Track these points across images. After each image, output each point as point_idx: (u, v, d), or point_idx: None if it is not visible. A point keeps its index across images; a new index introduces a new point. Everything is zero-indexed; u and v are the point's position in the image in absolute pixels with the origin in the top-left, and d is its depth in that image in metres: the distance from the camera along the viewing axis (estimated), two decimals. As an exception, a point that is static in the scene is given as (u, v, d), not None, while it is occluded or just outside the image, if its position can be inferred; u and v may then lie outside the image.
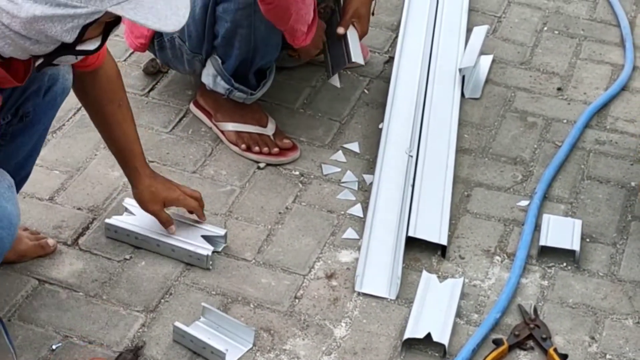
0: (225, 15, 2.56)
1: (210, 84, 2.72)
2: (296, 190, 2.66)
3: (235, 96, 2.72)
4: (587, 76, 3.13)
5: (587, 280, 2.45)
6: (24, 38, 1.78)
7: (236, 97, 2.73)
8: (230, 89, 2.70)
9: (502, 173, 2.75)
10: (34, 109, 2.15)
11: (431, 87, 2.96)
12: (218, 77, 2.69)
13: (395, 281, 2.37)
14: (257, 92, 2.74)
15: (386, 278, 2.39)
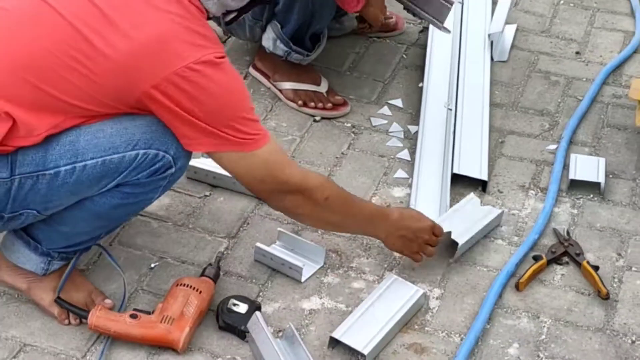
0: (287, -16, 2.90)
1: (271, 47, 3.04)
2: (349, 139, 2.98)
3: (293, 58, 3.05)
4: (602, 42, 3.47)
5: (612, 208, 2.77)
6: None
7: (294, 59, 3.05)
8: (289, 51, 3.03)
9: (530, 123, 3.08)
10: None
11: (464, 51, 3.29)
12: (277, 41, 3.02)
13: (445, 210, 2.70)
14: (313, 53, 3.07)
15: (436, 208, 2.72)
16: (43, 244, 2.32)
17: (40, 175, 2.13)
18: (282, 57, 3.05)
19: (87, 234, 2.33)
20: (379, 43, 3.39)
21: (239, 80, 2.24)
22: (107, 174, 2.15)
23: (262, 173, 2.24)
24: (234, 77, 2.21)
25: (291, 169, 2.30)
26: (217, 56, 2.13)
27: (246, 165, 2.23)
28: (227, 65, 2.17)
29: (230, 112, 2.16)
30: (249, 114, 2.21)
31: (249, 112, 2.21)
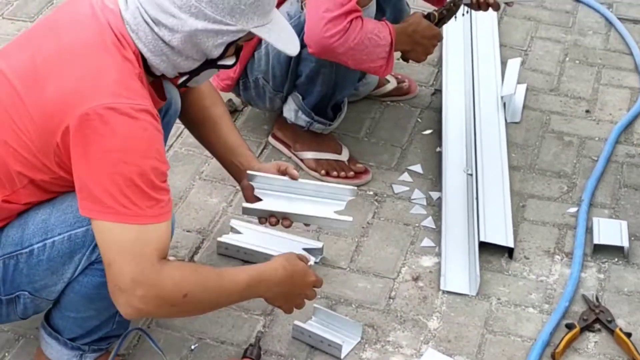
0: (310, 57, 2.91)
1: (292, 118, 3.08)
2: (373, 207, 3.02)
3: (315, 128, 3.08)
4: (610, 99, 3.53)
5: (637, 272, 2.82)
6: (178, 54, 2.13)
7: (316, 129, 3.09)
8: (311, 122, 3.07)
9: (549, 185, 3.13)
10: None
11: (478, 114, 3.34)
12: (299, 112, 3.06)
13: (475, 279, 2.73)
14: (335, 122, 3.11)
15: (466, 277, 2.76)
16: (64, 334, 2.34)
17: (19, 255, 2.17)
18: (304, 128, 3.09)
19: (95, 318, 2.32)
20: (393, 107, 3.44)
21: (153, 145, 2.05)
22: (76, 249, 2.15)
23: (127, 257, 2.02)
24: (148, 138, 2.03)
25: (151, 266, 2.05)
26: (134, 108, 2.03)
27: (113, 239, 2.02)
28: (142, 120, 2.03)
29: (123, 172, 2.00)
30: (144, 181, 2.02)
31: (145, 178, 2.02)
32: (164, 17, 2.08)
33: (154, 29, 2.10)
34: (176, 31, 2.09)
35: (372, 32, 2.81)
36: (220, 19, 2.09)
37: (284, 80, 3.02)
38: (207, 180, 3.07)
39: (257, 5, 2.11)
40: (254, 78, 3.06)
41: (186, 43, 2.11)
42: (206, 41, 2.11)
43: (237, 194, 3.01)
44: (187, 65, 2.16)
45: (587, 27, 3.94)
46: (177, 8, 2.07)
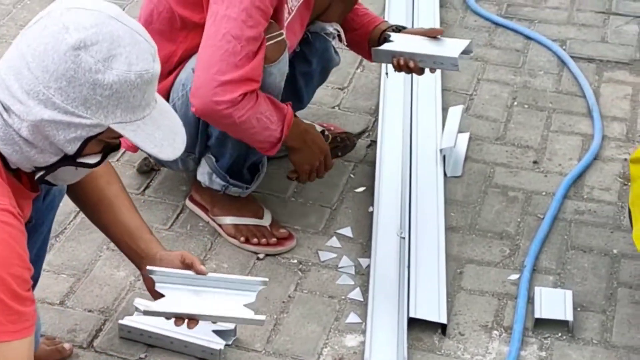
0: (219, 118, 2.68)
1: (206, 182, 2.82)
2: (296, 278, 2.76)
3: (231, 191, 2.83)
4: (560, 148, 3.28)
5: (582, 348, 2.57)
6: (30, 145, 1.86)
7: (232, 192, 2.83)
8: (226, 185, 2.81)
9: (490, 248, 2.88)
10: (36, 213, 2.19)
11: (415, 168, 3.09)
12: (213, 175, 2.80)
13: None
14: (252, 185, 2.85)
15: (393, 359, 2.50)
16: None
17: None
18: (220, 192, 2.83)
19: None
20: (325, 162, 3.18)
21: (12, 248, 1.80)
22: None
23: None
24: (6, 241, 1.79)
25: None
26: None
27: None
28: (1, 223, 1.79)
29: None
30: (6, 293, 1.77)
31: (7, 289, 1.77)
32: (12, 102, 1.83)
33: (2, 115, 1.84)
34: (23, 119, 1.83)
35: (264, 114, 2.59)
36: (72, 110, 1.82)
37: (195, 140, 2.76)
38: (115, 250, 2.77)
39: (118, 98, 1.83)
40: (163, 138, 2.80)
41: (35, 134, 1.84)
42: (56, 134, 1.84)
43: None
44: (42, 160, 1.89)
45: (538, 67, 3.69)
46: (25, 94, 1.82)
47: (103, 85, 1.80)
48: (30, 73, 1.81)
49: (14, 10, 3.95)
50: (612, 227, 2.95)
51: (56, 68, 1.80)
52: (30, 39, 1.83)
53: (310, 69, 2.97)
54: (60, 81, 1.80)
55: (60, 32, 1.80)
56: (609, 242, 2.90)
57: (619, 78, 3.64)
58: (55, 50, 1.79)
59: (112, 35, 1.81)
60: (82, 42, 1.79)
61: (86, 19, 1.81)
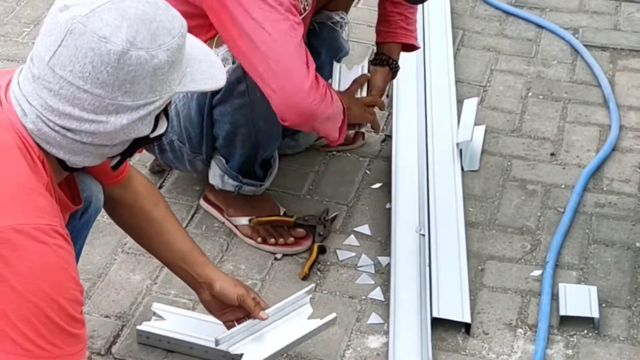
0: (223, 118, 2.61)
1: (219, 184, 2.77)
2: (315, 278, 2.71)
3: (246, 190, 2.78)
4: (577, 139, 3.23)
5: (609, 345, 2.52)
6: (103, 147, 1.83)
7: (246, 192, 2.78)
8: (240, 185, 2.76)
9: (511, 244, 2.83)
10: (72, 231, 2.17)
11: (432, 163, 3.04)
12: (225, 176, 2.75)
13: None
14: (266, 182, 2.80)
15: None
16: None
17: None
18: (234, 192, 2.78)
19: None
20: (339, 158, 3.13)
21: (66, 271, 1.76)
22: None
23: None
24: (60, 264, 1.74)
25: None
26: (43, 229, 1.73)
27: None
28: (53, 244, 1.74)
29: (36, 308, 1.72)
30: (62, 316, 1.74)
31: (63, 313, 1.74)
32: (77, 125, 1.77)
33: (67, 135, 1.79)
34: (98, 134, 1.79)
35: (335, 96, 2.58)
36: (143, 102, 1.79)
37: (200, 141, 2.70)
38: (130, 253, 2.76)
39: (175, 65, 1.80)
40: (168, 140, 2.74)
41: (112, 138, 1.81)
42: (135, 128, 1.81)
43: (163, 269, 2.69)
44: (115, 151, 1.86)
45: (551, 56, 3.64)
46: (91, 113, 1.76)
47: (162, 66, 1.77)
48: (89, 94, 1.75)
49: (18, 7, 3.88)
50: (633, 220, 2.90)
51: (115, 78, 1.74)
52: (68, 63, 1.74)
53: (320, 60, 2.89)
54: (124, 87, 1.75)
55: (100, 45, 1.72)
56: (631, 235, 2.85)
57: (633, 66, 3.59)
58: (105, 64, 1.73)
59: (139, 15, 1.74)
60: (127, 42, 1.73)
61: (109, 16, 1.73)
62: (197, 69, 1.86)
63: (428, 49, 3.52)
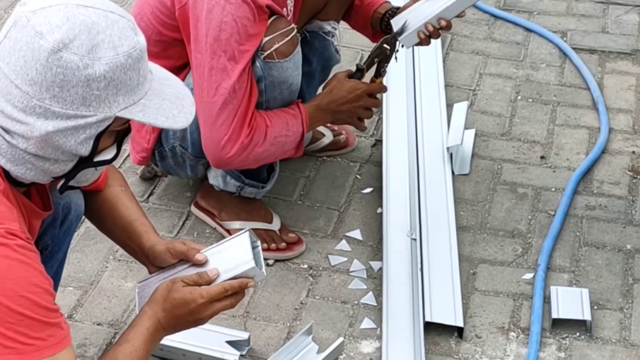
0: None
1: (220, 185, 2.77)
2: (307, 284, 2.71)
3: (247, 192, 2.78)
4: (567, 142, 3.24)
5: (601, 348, 2.53)
6: (42, 159, 1.79)
7: (247, 193, 2.79)
8: (242, 186, 2.76)
9: (502, 247, 2.83)
10: (52, 240, 2.16)
11: (422, 167, 3.04)
12: (227, 177, 2.75)
13: (420, 368, 2.44)
14: (268, 184, 2.80)
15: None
16: None
17: None
18: (235, 193, 2.78)
19: None
20: (330, 163, 3.14)
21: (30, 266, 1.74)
22: None
23: None
24: (23, 261, 1.73)
25: None
26: (8, 231, 1.72)
27: None
28: (15, 246, 1.73)
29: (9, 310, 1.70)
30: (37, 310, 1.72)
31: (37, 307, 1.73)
32: (11, 124, 1.74)
33: (5, 138, 1.76)
34: (28, 137, 1.75)
35: (279, 134, 2.60)
36: (73, 113, 1.74)
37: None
38: (121, 260, 2.75)
39: (115, 85, 1.75)
40: (170, 147, 2.75)
41: (45, 147, 1.77)
42: (66, 141, 1.76)
43: (155, 276, 2.70)
44: (59, 169, 1.82)
45: (539, 59, 3.65)
46: (21, 112, 1.73)
47: (96, 78, 1.72)
48: (19, 90, 1.72)
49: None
50: (624, 222, 2.91)
51: (43, 78, 1.71)
52: (6, 55, 1.73)
53: (311, 68, 2.91)
54: (52, 89, 1.71)
55: (34, 40, 1.70)
56: (622, 237, 2.86)
57: (622, 69, 3.60)
58: (35, 60, 1.71)
59: (87, 24, 1.72)
60: (60, 42, 1.70)
61: (55, 16, 1.71)
62: (155, 103, 1.81)
63: (417, 54, 3.53)
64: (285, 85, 2.60)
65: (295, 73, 2.61)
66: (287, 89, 2.61)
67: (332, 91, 2.69)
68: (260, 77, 2.57)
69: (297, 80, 2.63)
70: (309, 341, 2.50)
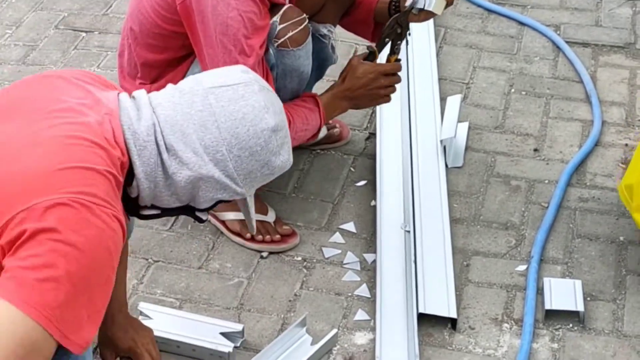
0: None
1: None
2: (302, 276, 2.72)
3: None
4: (560, 135, 3.25)
5: (594, 339, 2.54)
6: (169, 188, 1.90)
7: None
8: None
9: (495, 239, 2.84)
10: None
11: (416, 160, 3.05)
12: None
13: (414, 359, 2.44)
14: None
15: (404, 357, 2.45)
16: None
17: None
18: None
19: None
20: (324, 156, 3.14)
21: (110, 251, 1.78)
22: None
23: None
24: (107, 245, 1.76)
25: None
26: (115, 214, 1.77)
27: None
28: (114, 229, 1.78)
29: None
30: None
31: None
32: (182, 149, 1.87)
33: (162, 155, 1.87)
34: (189, 168, 1.88)
35: (301, 129, 2.63)
36: (235, 177, 1.95)
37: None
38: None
39: (267, 178, 2.01)
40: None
41: (188, 184, 1.90)
42: (208, 192, 1.93)
43: (150, 269, 2.71)
44: (167, 202, 1.93)
45: (533, 52, 3.65)
46: (202, 147, 1.88)
47: (271, 166, 1.97)
48: (218, 132, 1.89)
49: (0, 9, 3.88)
50: (617, 214, 2.92)
51: (248, 139, 1.91)
52: (226, 101, 1.90)
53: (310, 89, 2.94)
54: (244, 151, 1.91)
55: (261, 110, 1.92)
56: (615, 229, 2.87)
57: (615, 62, 3.61)
58: (253, 124, 1.91)
59: (285, 124, 1.99)
60: (278, 126, 1.94)
61: (277, 104, 1.98)
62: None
63: (411, 48, 3.54)
64: (297, 74, 2.63)
65: (306, 62, 2.64)
66: (297, 77, 2.64)
67: (345, 79, 2.72)
68: (273, 65, 2.61)
69: (308, 69, 2.66)
70: (303, 333, 2.51)
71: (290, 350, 2.46)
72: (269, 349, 2.43)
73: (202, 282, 2.67)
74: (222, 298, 2.63)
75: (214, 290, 2.65)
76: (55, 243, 1.68)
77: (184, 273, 2.70)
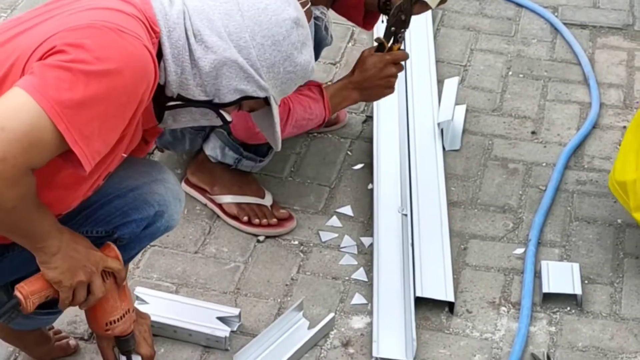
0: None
1: (218, 156, 2.77)
2: (298, 260, 2.71)
3: (243, 165, 2.78)
4: (558, 117, 3.23)
5: (592, 322, 2.53)
6: (195, 75, 1.93)
7: (244, 167, 2.79)
8: (239, 158, 2.76)
9: (493, 223, 2.83)
10: (130, 236, 2.10)
11: (413, 143, 3.04)
12: (226, 148, 2.75)
13: (411, 343, 2.43)
14: (266, 159, 2.80)
15: (401, 341, 2.45)
16: None
17: None
18: (232, 166, 2.78)
19: None
20: (321, 139, 3.13)
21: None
22: None
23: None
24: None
25: None
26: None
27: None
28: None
29: None
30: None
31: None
32: (208, 34, 1.91)
33: (189, 39, 1.91)
34: (213, 52, 1.90)
35: (303, 118, 2.61)
36: (258, 66, 1.94)
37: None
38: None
39: (289, 79, 1.99)
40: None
41: (212, 69, 1.91)
42: (231, 80, 1.93)
43: (146, 254, 2.70)
44: (193, 92, 1.94)
45: (531, 35, 3.64)
46: (226, 33, 1.91)
47: (293, 62, 1.96)
48: (242, 19, 1.91)
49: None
50: (614, 197, 2.90)
51: (270, 27, 1.93)
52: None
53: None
54: (266, 39, 1.93)
55: (284, 2, 1.95)
56: (613, 212, 2.86)
57: (613, 44, 3.59)
58: (275, 14, 1.93)
59: (306, 23, 1.99)
60: (300, 20, 1.96)
61: (298, 4, 1.99)
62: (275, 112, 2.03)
63: (408, 30, 3.50)
64: None
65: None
66: None
67: (355, 70, 2.70)
68: None
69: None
70: (299, 317, 2.50)
71: (287, 335, 2.45)
72: (265, 333, 2.42)
73: (199, 266, 2.67)
74: (218, 282, 2.62)
75: (210, 274, 2.64)
76: (82, 52, 1.74)
77: (180, 257, 2.70)
